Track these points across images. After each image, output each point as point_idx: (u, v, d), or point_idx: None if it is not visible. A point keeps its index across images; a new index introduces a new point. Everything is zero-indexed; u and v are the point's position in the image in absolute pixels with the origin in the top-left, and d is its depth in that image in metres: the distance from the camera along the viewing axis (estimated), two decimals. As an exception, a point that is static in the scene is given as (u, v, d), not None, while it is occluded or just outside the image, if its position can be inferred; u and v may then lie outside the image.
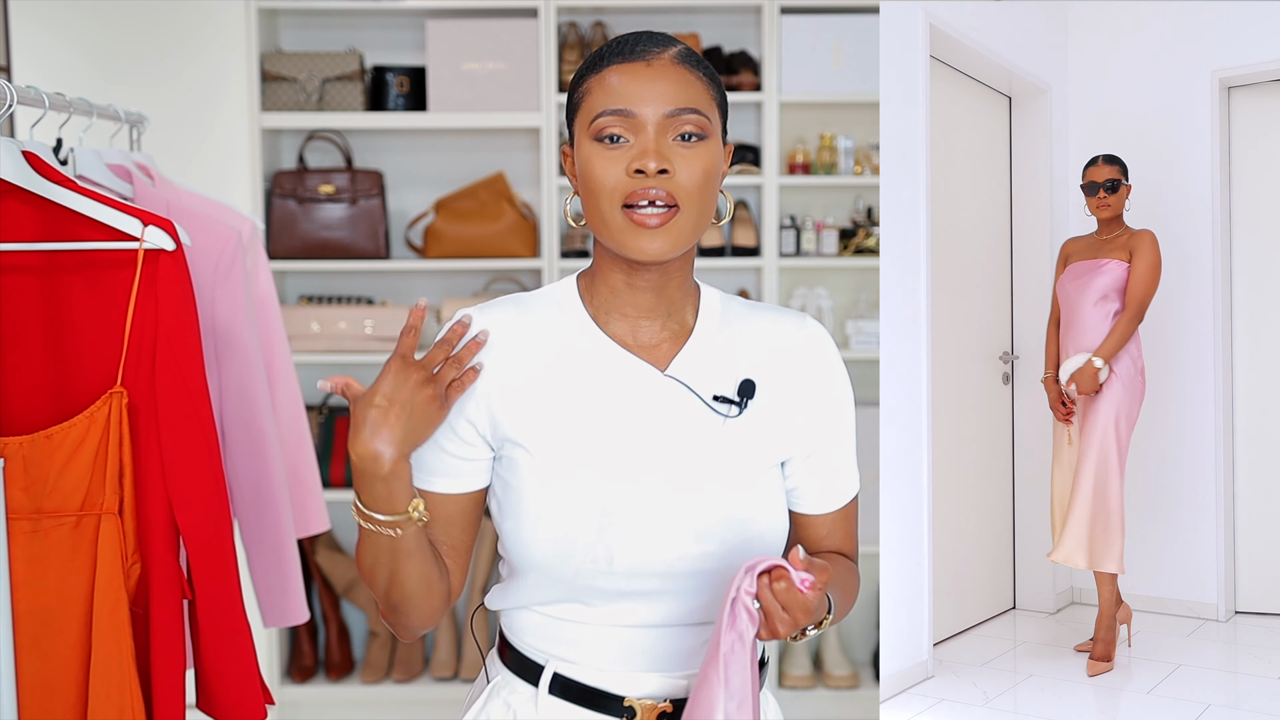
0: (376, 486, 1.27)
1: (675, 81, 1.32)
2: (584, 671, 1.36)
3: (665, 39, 1.35)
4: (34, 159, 1.76)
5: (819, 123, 3.78)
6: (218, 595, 1.78)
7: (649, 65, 1.32)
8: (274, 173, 3.68)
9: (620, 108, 1.31)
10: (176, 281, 1.74)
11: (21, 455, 1.69)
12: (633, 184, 1.30)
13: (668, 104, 1.31)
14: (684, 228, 1.31)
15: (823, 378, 1.41)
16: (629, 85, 1.31)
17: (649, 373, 1.36)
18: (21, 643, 1.69)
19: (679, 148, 1.31)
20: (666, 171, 1.29)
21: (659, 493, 1.33)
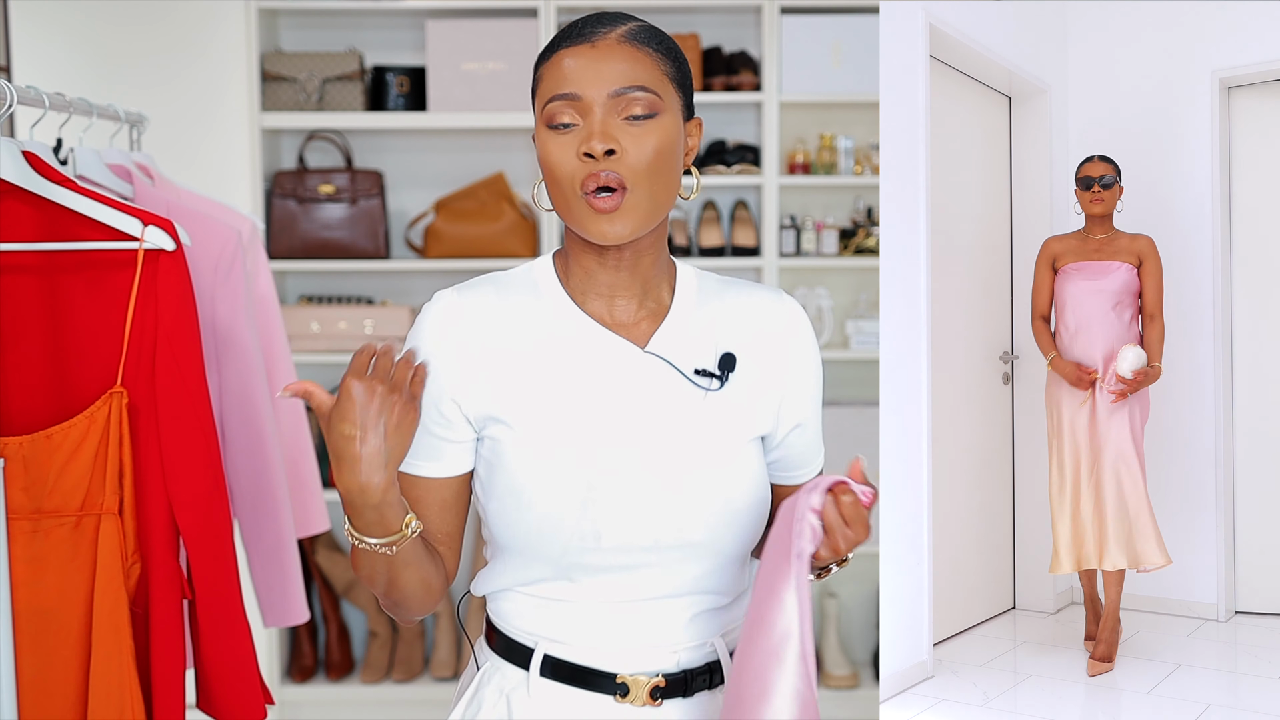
0: (368, 514, 1.26)
1: (621, 60, 1.30)
2: (575, 651, 1.36)
3: (616, 18, 1.34)
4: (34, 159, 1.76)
5: (819, 123, 3.78)
6: (217, 595, 1.78)
7: (594, 46, 1.31)
8: (274, 173, 3.69)
9: (567, 91, 1.30)
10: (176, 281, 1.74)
11: (21, 455, 1.69)
12: (584, 168, 1.29)
13: (612, 83, 1.30)
14: (638, 207, 1.30)
15: (801, 352, 1.44)
16: (575, 68, 1.30)
17: (629, 349, 1.36)
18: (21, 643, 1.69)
19: (628, 127, 1.30)
20: (614, 152, 1.29)
21: (644, 467, 1.33)
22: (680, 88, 1.35)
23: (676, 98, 1.34)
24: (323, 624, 3.80)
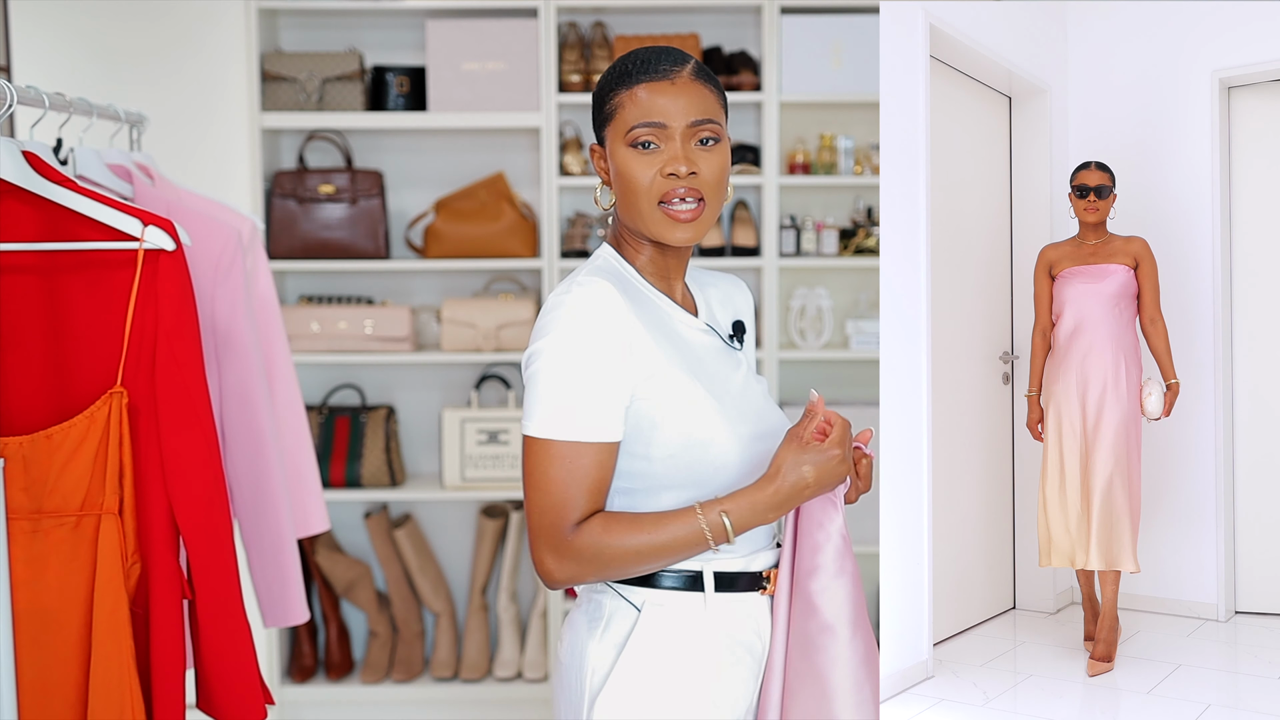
0: (780, 513, 1.57)
1: (695, 96, 1.60)
2: (732, 562, 1.61)
3: (681, 56, 1.62)
4: (34, 159, 1.76)
5: (819, 123, 3.78)
6: (218, 595, 1.78)
7: (673, 84, 1.59)
8: (274, 173, 3.69)
9: (653, 120, 1.59)
10: (177, 281, 1.74)
11: (21, 455, 1.69)
12: (666, 184, 1.58)
13: (691, 115, 1.59)
14: (708, 218, 1.61)
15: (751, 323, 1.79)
16: (658, 100, 1.59)
17: (693, 321, 1.67)
18: (21, 643, 1.69)
19: (700, 152, 1.60)
20: (695, 174, 1.58)
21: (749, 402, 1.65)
22: (727, 115, 1.65)
23: (726, 125, 1.64)
24: (323, 624, 3.80)
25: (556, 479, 1.54)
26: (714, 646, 1.60)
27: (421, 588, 3.76)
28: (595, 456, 1.55)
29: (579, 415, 1.54)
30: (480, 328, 3.61)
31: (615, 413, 1.55)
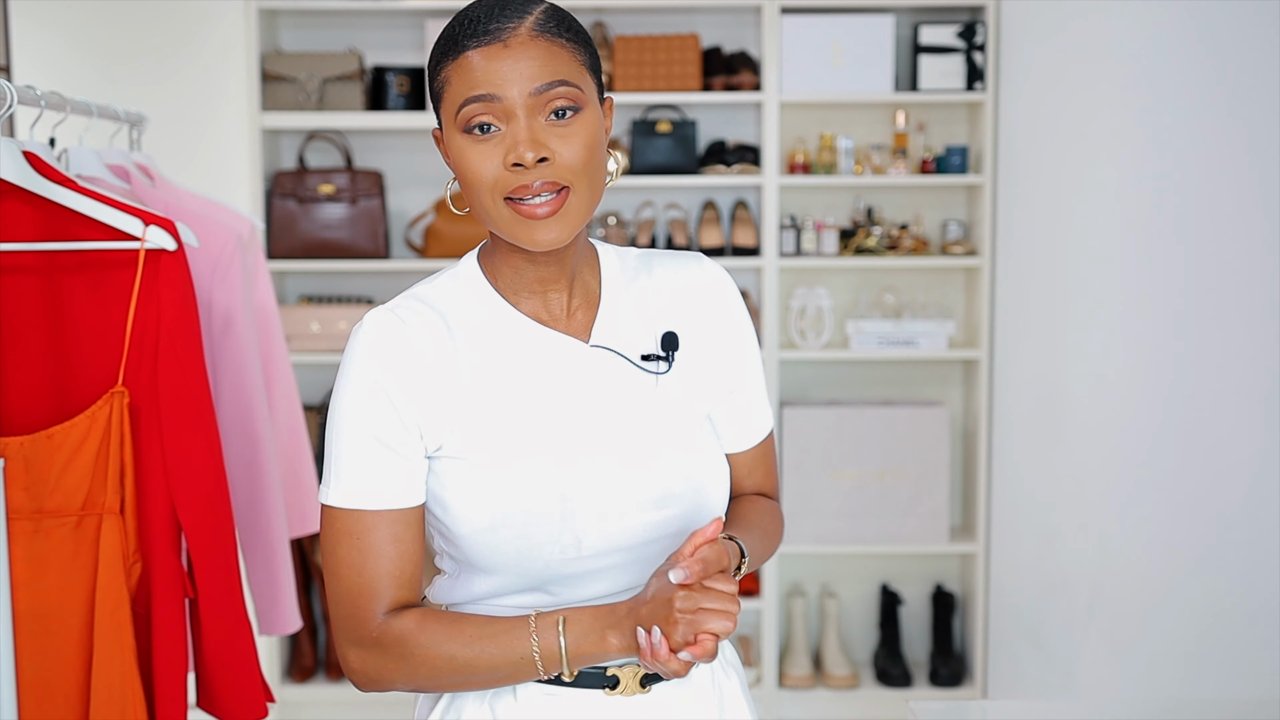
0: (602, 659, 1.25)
1: (537, 56, 1.22)
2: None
3: (516, 8, 1.24)
4: (34, 159, 1.76)
5: (819, 123, 3.78)
6: (219, 594, 1.78)
7: (506, 45, 1.22)
8: (274, 173, 3.68)
9: (483, 93, 1.21)
10: (178, 281, 1.74)
11: (23, 455, 1.69)
12: (513, 177, 1.22)
13: (532, 81, 1.21)
14: (576, 208, 1.24)
15: (730, 316, 1.39)
16: (488, 68, 1.21)
17: (574, 346, 1.31)
18: (22, 642, 1.69)
19: (554, 128, 1.23)
20: (546, 159, 1.22)
21: (613, 467, 1.29)
22: (594, 73, 1.28)
23: (594, 85, 1.27)
24: (323, 624, 3.80)
25: (347, 560, 1.26)
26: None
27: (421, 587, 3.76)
28: (385, 526, 1.25)
29: (360, 479, 1.25)
30: (480, 328, 3.61)
31: (398, 475, 1.26)
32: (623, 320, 1.34)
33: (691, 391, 1.35)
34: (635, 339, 1.34)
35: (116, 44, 3.61)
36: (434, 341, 1.27)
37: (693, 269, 1.38)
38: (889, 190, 3.80)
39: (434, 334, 1.28)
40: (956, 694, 3.74)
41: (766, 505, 1.44)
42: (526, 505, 1.26)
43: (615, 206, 3.83)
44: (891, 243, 3.71)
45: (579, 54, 1.25)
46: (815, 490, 3.69)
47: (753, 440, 1.43)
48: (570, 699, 1.31)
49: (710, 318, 1.38)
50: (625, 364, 1.32)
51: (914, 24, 3.67)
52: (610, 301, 1.34)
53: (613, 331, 1.33)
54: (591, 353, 1.32)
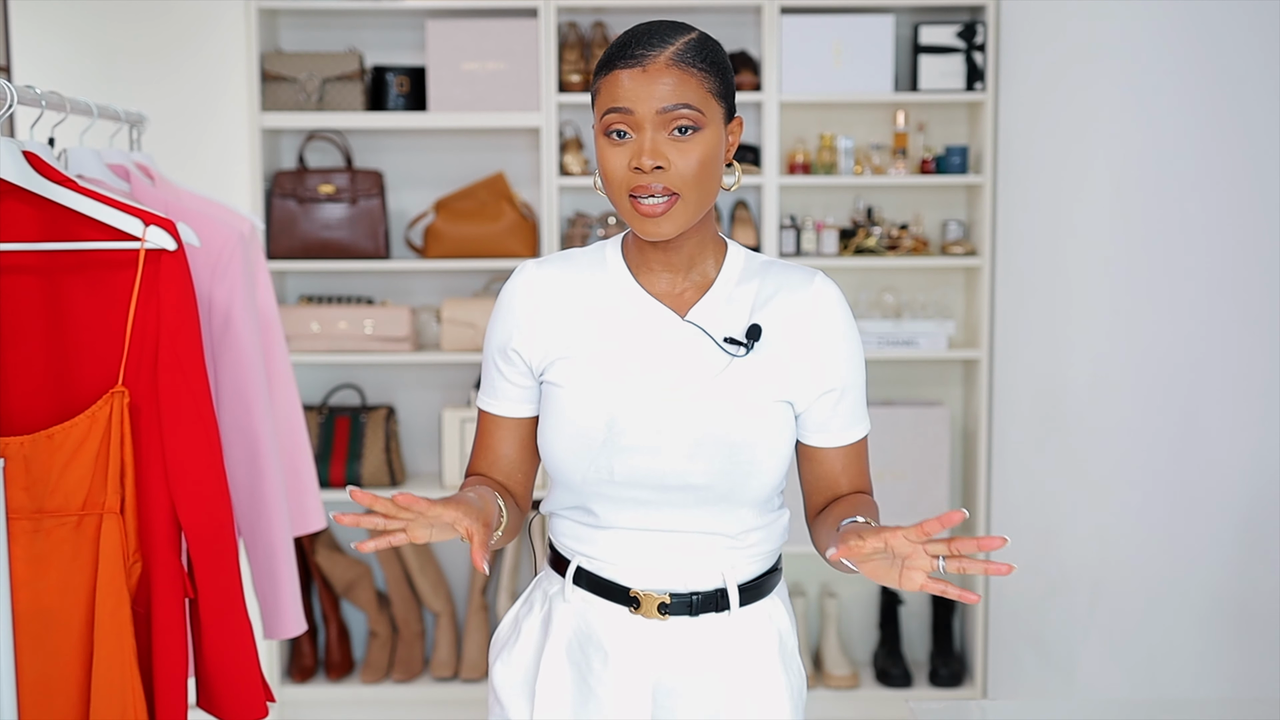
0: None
1: (669, 81, 1.48)
2: (600, 566, 1.59)
3: (664, 38, 1.52)
4: (34, 159, 1.76)
5: (819, 123, 3.78)
6: (219, 594, 1.79)
7: (644, 70, 1.49)
8: (274, 173, 3.68)
9: (619, 105, 1.49)
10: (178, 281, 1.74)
11: (23, 455, 1.69)
12: (634, 178, 1.48)
13: (660, 102, 1.48)
14: (683, 212, 1.49)
15: (827, 327, 1.58)
16: (627, 86, 1.48)
17: (669, 316, 1.57)
18: (23, 642, 1.69)
19: (673, 142, 1.48)
20: (662, 168, 1.47)
21: (660, 415, 1.53)
22: (722, 98, 1.54)
23: (719, 109, 1.53)
24: (323, 624, 3.80)
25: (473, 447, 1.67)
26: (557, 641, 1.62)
27: (421, 588, 3.76)
28: (487, 424, 1.65)
29: (483, 387, 1.66)
30: (480, 328, 3.61)
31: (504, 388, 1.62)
32: (722, 308, 1.58)
33: (765, 376, 1.56)
34: (728, 325, 1.57)
35: (116, 44, 3.61)
36: (560, 293, 1.59)
37: (797, 280, 1.60)
38: (889, 190, 3.80)
39: (562, 287, 1.60)
40: (956, 694, 3.74)
41: (870, 501, 1.63)
42: (581, 426, 1.55)
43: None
44: (891, 243, 3.71)
45: (707, 82, 1.52)
46: (815, 490, 3.68)
47: (840, 440, 1.62)
48: (602, 609, 1.59)
49: (803, 324, 1.58)
50: (708, 341, 1.56)
51: (914, 24, 3.67)
52: (718, 291, 1.59)
53: (709, 314, 1.57)
54: (682, 325, 1.57)
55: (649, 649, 1.58)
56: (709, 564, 1.58)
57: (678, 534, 1.57)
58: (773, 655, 1.61)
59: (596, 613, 1.60)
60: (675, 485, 1.54)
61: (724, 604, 1.58)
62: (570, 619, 1.61)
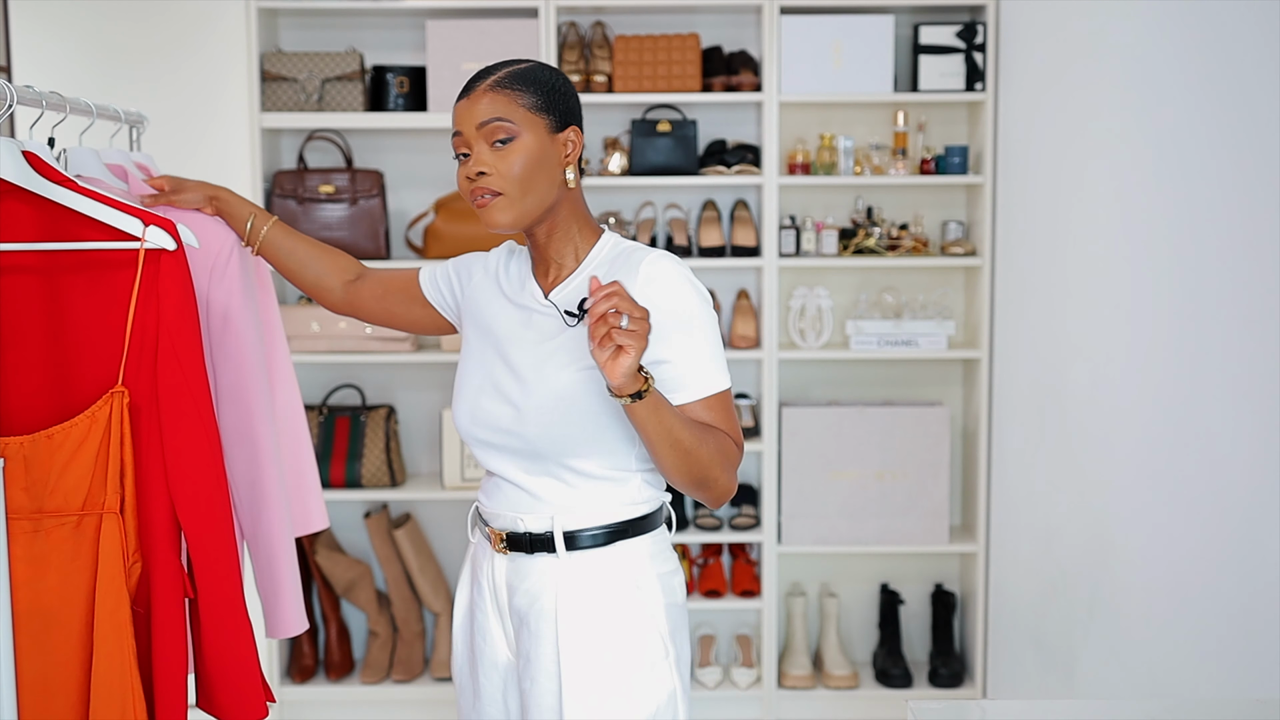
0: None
1: (488, 102, 1.78)
2: (481, 507, 1.91)
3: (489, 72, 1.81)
4: (34, 159, 1.76)
5: (819, 123, 3.78)
6: (219, 594, 1.79)
7: (469, 98, 1.80)
8: (274, 173, 3.68)
9: (455, 130, 1.81)
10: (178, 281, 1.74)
11: (22, 455, 1.69)
12: (469, 185, 1.80)
13: (477, 119, 1.78)
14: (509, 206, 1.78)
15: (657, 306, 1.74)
16: (459, 113, 1.81)
17: (536, 295, 1.87)
18: (22, 643, 1.69)
19: (495, 152, 1.78)
20: (485, 173, 1.78)
21: (507, 371, 1.83)
22: (544, 112, 1.80)
23: (539, 121, 1.79)
24: (323, 624, 3.80)
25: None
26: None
27: (421, 588, 3.76)
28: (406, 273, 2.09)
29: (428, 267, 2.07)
30: (480, 328, 3.61)
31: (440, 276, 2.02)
32: (574, 289, 1.84)
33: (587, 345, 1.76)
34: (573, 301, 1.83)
35: (116, 43, 3.61)
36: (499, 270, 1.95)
37: (636, 260, 1.81)
38: (889, 190, 3.80)
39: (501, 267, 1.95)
40: (956, 694, 3.74)
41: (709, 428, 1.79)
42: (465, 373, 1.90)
43: (616, 206, 3.83)
44: (891, 243, 3.71)
45: (523, 99, 1.79)
46: (815, 490, 3.69)
47: (684, 398, 1.78)
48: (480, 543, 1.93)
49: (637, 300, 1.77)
50: (556, 315, 1.84)
51: (914, 24, 3.67)
52: (576, 277, 1.85)
53: (564, 294, 1.85)
54: (542, 304, 1.86)
55: (501, 582, 1.86)
56: (541, 508, 1.82)
57: (517, 476, 1.83)
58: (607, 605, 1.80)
59: (482, 549, 1.91)
60: (508, 431, 1.81)
61: (553, 546, 1.81)
62: (473, 555, 1.94)
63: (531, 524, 1.82)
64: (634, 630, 1.80)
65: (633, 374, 1.63)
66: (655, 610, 1.82)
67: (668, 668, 1.81)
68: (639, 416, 1.67)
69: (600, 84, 3.64)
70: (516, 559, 1.84)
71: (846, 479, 3.70)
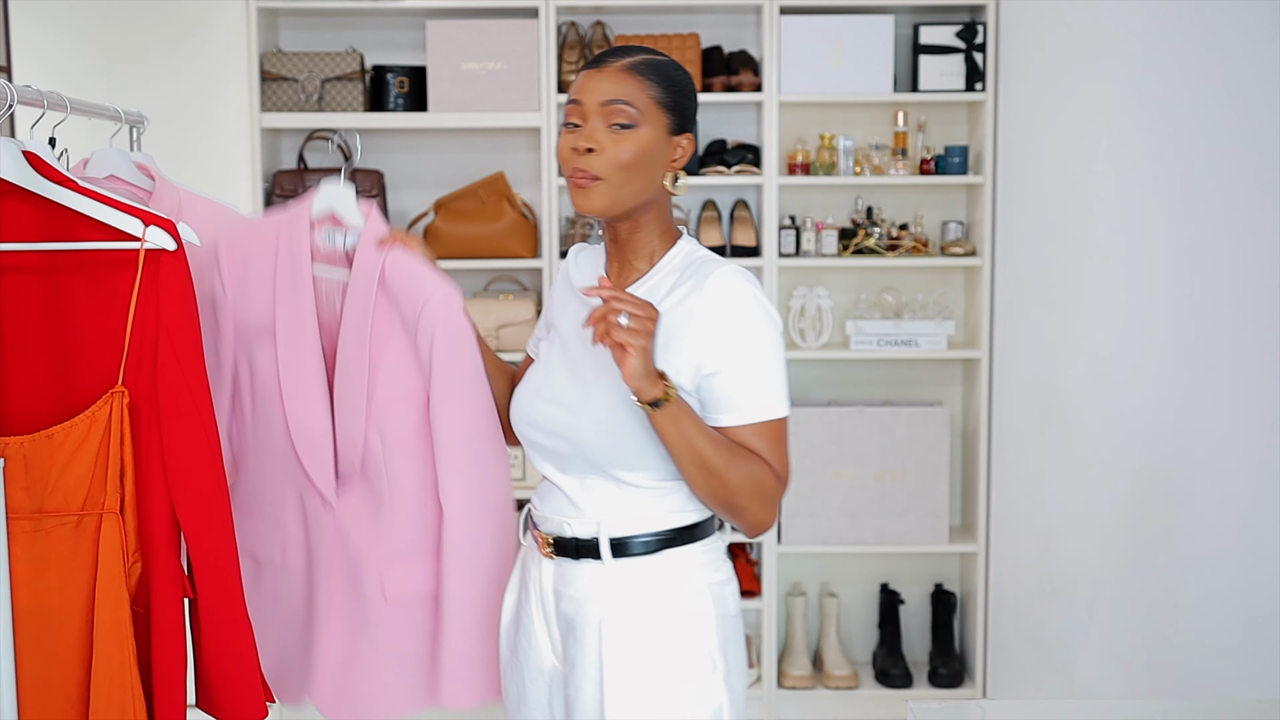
0: None
1: (617, 82, 1.72)
2: (533, 510, 1.87)
3: (626, 52, 1.76)
4: (34, 159, 1.76)
5: (819, 123, 3.78)
6: (219, 594, 1.79)
7: (600, 71, 1.74)
8: (274, 173, 3.69)
9: (574, 98, 1.75)
10: (178, 281, 1.74)
11: (22, 455, 1.69)
12: (573, 159, 1.74)
13: (603, 96, 1.72)
14: (606, 193, 1.72)
15: (714, 314, 1.71)
16: (584, 83, 1.75)
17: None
18: (22, 642, 1.69)
19: (611, 133, 1.72)
20: (593, 150, 1.72)
21: (566, 375, 1.79)
22: (668, 109, 1.75)
23: (662, 117, 1.74)
24: (323, 624, 3.79)
25: None
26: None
27: (421, 588, 3.75)
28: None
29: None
30: (480, 327, 3.61)
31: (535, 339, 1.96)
32: (645, 292, 1.77)
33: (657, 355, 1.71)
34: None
35: (116, 44, 3.61)
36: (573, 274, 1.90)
37: (707, 272, 1.74)
38: (889, 190, 3.80)
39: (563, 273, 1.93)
40: (956, 694, 3.74)
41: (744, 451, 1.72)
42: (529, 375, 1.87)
43: (615, 206, 3.82)
44: (891, 243, 3.71)
45: (652, 89, 1.73)
46: (815, 490, 3.69)
47: (732, 420, 1.72)
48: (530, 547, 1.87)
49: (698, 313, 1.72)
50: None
51: (914, 24, 3.67)
52: (647, 281, 1.79)
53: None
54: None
55: (547, 586, 1.81)
56: (588, 513, 1.77)
57: (565, 480, 1.79)
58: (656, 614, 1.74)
59: (531, 553, 1.86)
60: (560, 435, 1.77)
61: (598, 552, 1.76)
62: (522, 558, 1.90)
63: (578, 529, 1.77)
64: (681, 642, 1.73)
65: (649, 377, 1.61)
66: (705, 622, 1.75)
67: (716, 681, 1.73)
68: (659, 425, 1.65)
69: (600, 84, 3.63)
70: (563, 564, 1.79)
71: (846, 479, 3.70)
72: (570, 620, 1.78)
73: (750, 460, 1.69)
